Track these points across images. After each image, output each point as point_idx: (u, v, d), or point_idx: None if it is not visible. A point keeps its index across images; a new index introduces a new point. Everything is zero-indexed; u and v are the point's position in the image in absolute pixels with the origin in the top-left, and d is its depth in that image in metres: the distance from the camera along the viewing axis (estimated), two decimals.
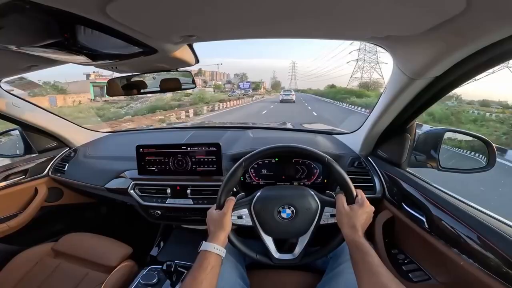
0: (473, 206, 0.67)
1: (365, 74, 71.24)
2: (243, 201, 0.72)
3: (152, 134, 1.67)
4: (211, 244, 0.62)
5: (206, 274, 0.57)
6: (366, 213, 0.65)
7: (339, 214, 0.66)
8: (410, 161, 0.93)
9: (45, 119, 1.29)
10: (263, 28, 0.59)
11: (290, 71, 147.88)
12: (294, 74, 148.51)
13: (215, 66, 68.50)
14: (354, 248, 0.60)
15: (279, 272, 0.82)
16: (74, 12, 0.45)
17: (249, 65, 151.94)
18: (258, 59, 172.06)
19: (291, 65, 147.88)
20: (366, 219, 0.65)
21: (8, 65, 0.84)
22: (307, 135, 1.36)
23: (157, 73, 0.98)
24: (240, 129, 1.44)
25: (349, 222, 0.64)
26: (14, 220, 1.19)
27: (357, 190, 0.69)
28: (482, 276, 0.55)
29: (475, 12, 0.41)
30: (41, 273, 0.96)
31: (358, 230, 0.62)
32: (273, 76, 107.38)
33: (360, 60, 72.88)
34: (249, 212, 0.71)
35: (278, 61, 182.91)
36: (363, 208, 0.65)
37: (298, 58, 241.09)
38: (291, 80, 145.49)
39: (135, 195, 1.10)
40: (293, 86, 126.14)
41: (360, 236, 0.61)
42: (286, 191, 0.75)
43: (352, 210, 0.65)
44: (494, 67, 0.54)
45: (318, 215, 0.70)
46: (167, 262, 0.78)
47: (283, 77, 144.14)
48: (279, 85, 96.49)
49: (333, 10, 0.47)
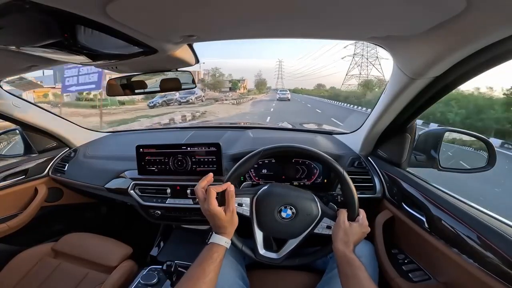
0: (473, 206, 0.67)
1: (363, 71, 62.42)
2: (248, 189, 0.72)
3: (152, 134, 1.67)
4: (222, 237, 0.62)
5: (214, 266, 0.57)
6: (362, 233, 0.68)
7: (337, 228, 0.68)
8: (410, 161, 0.93)
9: (45, 119, 1.29)
10: (263, 28, 0.59)
11: (276, 70, 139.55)
12: (281, 73, 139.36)
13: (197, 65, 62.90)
14: (344, 262, 0.61)
15: (279, 272, 0.82)
16: (74, 12, 0.45)
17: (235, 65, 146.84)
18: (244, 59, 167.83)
19: (277, 64, 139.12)
20: (360, 238, 0.68)
21: (8, 65, 0.84)
22: (307, 135, 1.36)
23: (157, 73, 0.98)
24: (240, 129, 1.44)
25: (344, 237, 0.65)
26: (14, 220, 1.19)
27: (360, 210, 0.71)
28: (482, 276, 0.55)
29: (475, 12, 0.41)
30: (41, 273, 0.96)
31: (350, 245, 0.64)
32: (257, 74, 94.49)
33: (358, 56, 63.37)
34: (251, 202, 0.71)
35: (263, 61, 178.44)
36: (361, 228, 0.68)
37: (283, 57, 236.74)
38: (277, 80, 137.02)
39: (135, 195, 1.10)
40: (280, 86, 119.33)
41: (351, 251, 0.63)
42: (292, 192, 0.75)
43: (351, 227, 0.67)
44: (494, 67, 0.54)
45: (315, 224, 0.71)
46: (167, 262, 0.78)
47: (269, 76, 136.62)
48: (264, 85, 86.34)
49: (333, 10, 0.47)
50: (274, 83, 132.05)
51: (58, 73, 17.75)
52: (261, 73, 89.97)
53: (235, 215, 0.66)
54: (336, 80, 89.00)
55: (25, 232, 1.23)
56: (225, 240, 0.62)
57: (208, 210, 0.61)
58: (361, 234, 0.68)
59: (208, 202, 0.61)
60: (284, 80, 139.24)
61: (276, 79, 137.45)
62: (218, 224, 0.63)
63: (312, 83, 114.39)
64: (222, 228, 0.63)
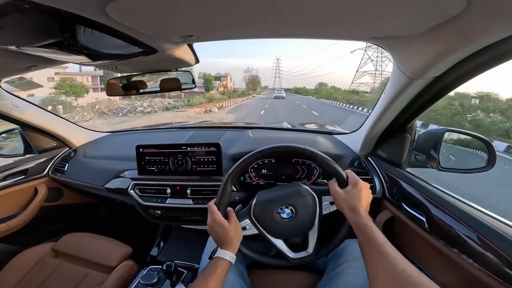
0: (473, 206, 0.67)
1: (379, 66, 52.03)
2: (242, 212, 0.73)
3: (152, 134, 1.67)
4: (227, 252, 0.62)
5: (218, 281, 0.57)
6: (362, 191, 0.63)
7: (336, 199, 0.66)
8: (410, 161, 0.93)
9: (45, 119, 1.29)
10: (263, 28, 0.59)
11: (273, 69, 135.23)
12: (279, 72, 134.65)
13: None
14: (357, 230, 0.58)
15: (280, 272, 0.82)
16: (74, 12, 0.45)
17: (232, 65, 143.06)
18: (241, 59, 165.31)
19: (274, 63, 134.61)
20: (364, 197, 0.63)
21: (8, 65, 0.84)
22: (307, 135, 1.36)
23: (157, 73, 0.98)
24: (240, 129, 1.44)
25: (347, 205, 0.62)
26: (14, 220, 1.19)
27: (346, 171, 0.68)
28: (482, 276, 0.55)
29: (475, 12, 0.41)
30: (41, 273, 0.96)
31: (359, 211, 0.60)
32: (247, 69, 76.42)
33: (371, 49, 51.40)
34: (251, 221, 0.71)
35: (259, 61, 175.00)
36: (357, 188, 0.63)
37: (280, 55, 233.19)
38: (275, 79, 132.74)
39: (135, 195, 1.10)
40: (277, 85, 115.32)
41: (362, 216, 0.59)
42: (281, 192, 0.75)
43: (346, 193, 0.64)
44: (494, 67, 0.54)
45: (319, 207, 0.71)
46: (167, 262, 0.78)
47: (266, 76, 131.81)
48: (258, 83, 73.83)
49: (333, 11, 0.47)
50: (271, 82, 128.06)
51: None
52: (252, 69, 76.94)
53: (239, 228, 0.68)
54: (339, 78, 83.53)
55: (25, 232, 1.23)
56: (230, 255, 0.62)
57: (214, 221, 0.64)
58: (362, 193, 0.63)
59: (214, 213, 0.65)
60: (282, 79, 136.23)
61: (274, 78, 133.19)
62: (224, 238, 0.64)
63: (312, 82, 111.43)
64: (228, 241, 0.64)
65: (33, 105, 1.25)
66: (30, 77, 11.18)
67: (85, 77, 25.49)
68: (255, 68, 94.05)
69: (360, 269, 0.74)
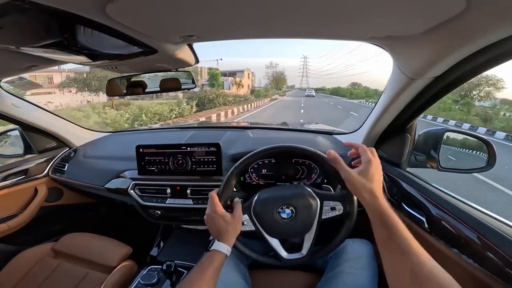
0: (473, 206, 0.67)
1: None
2: (242, 207, 0.73)
3: (152, 134, 1.67)
4: (224, 245, 0.62)
5: (214, 273, 0.57)
6: (371, 167, 0.56)
7: (348, 182, 0.57)
8: (410, 161, 0.93)
9: (45, 119, 1.29)
10: (262, 28, 0.59)
11: (300, 68, 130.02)
12: (306, 71, 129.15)
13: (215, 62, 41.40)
14: (377, 221, 0.51)
15: (280, 272, 0.82)
16: (74, 12, 0.45)
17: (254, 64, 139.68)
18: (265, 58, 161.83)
19: (301, 62, 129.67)
20: (377, 176, 0.56)
21: (8, 65, 0.84)
22: (307, 135, 1.36)
23: (157, 73, 0.98)
24: (240, 129, 1.44)
25: (361, 186, 0.54)
26: (14, 220, 1.19)
27: (358, 145, 0.64)
28: (482, 276, 0.55)
29: (475, 12, 0.41)
30: (41, 273, 0.96)
31: (378, 196, 0.52)
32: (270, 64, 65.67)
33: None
34: (250, 217, 0.71)
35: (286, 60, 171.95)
36: (372, 165, 0.56)
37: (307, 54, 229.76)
38: (302, 78, 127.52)
39: (135, 195, 1.10)
40: (305, 85, 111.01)
41: (382, 204, 0.51)
42: (283, 191, 0.75)
43: (361, 174, 0.55)
44: (494, 67, 0.54)
45: (319, 211, 0.71)
46: (167, 262, 0.78)
47: (293, 75, 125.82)
48: (283, 81, 65.04)
49: (333, 10, 0.47)
50: (298, 82, 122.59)
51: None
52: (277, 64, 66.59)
53: (240, 223, 0.67)
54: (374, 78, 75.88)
55: (25, 232, 1.23)
56: (226, 247, 0.62)
57: (215, 212, 0.64)
58: (378, 172, 0.56)
59: (215, 205, 0.64)
60: (310, 78, 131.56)
61: (301, 77, 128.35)
62: (223, 231, 0.63)
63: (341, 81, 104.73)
64: (226, 234, 0.64)
65: (33, 105, 1.25)
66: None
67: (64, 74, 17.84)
68: (280, 65, 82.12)
69: (360, 269, 0.74)
